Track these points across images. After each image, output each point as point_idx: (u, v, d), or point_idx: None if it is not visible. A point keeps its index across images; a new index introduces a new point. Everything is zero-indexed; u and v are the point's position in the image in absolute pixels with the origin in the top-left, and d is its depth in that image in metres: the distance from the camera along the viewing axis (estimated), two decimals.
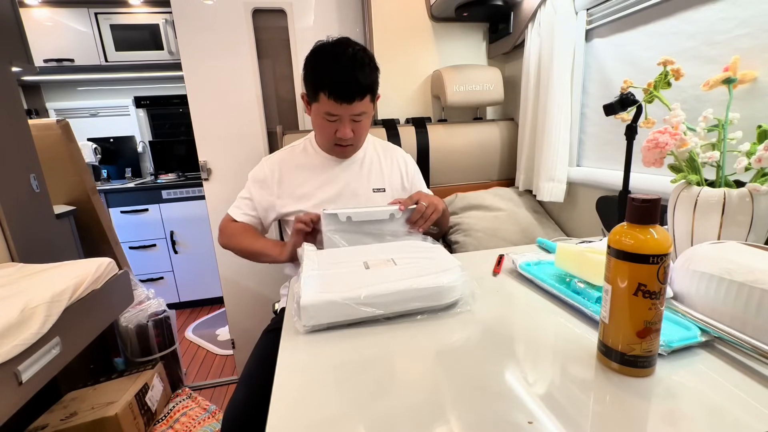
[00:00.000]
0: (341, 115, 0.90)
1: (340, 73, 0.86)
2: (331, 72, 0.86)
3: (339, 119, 0.91)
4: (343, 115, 0.90)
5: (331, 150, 1.01)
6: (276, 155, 1.06)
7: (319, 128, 0.98)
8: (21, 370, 0.64)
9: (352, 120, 0.92)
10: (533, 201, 1.40)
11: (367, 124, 0.96)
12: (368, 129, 1.01)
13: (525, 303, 0.63)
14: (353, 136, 0.94)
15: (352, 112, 0.89)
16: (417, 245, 0.78)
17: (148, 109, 2.81)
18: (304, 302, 0.55)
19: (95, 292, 0.86)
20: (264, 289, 1.67)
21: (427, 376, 0.46)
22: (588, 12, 1.17)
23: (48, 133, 1.31)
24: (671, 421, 0.37)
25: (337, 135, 0.93)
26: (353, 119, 0.91)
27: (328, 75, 0.86)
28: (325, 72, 0.87)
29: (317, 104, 0.90)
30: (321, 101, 0.89)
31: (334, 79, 0.86)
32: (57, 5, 2.26)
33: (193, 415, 1.29)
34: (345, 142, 0.95)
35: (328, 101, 0.87)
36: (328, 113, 0.90)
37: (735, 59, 0.66)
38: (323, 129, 0.95)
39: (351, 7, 1.56)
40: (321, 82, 0.87)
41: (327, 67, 0.87)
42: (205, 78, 1.48)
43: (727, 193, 0.61)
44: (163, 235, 2.42)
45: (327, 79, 0.86)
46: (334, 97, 0.86)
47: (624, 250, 0.41)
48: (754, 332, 0.45)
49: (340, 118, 0.90)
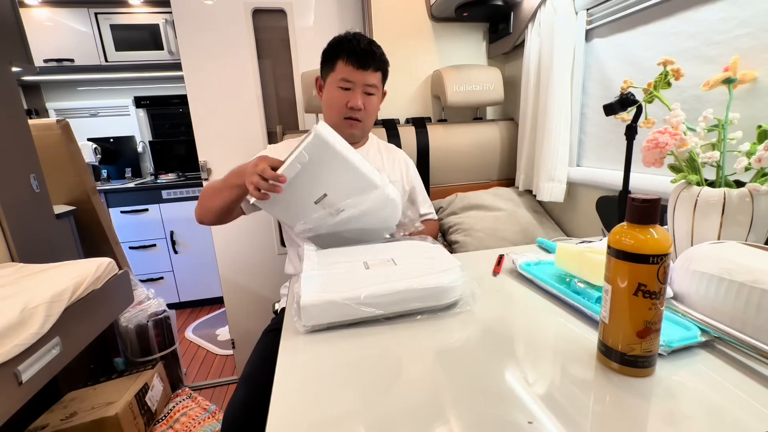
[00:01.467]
0: (355, 82, 0.95)
1: (359, 44, 0.94)
2: (351, 42, 0.94)
3: (353, 88, 0.95)
4: (357, 81, 0.95)
5: (340, 126, 0.97)
6: (281, 145, 1.07)
7: (331, 101, 0.99)
8: (21, 370, 0.64)
9: (364, 92, 0.96)
10: (533, 201, 1.40)
11: (376, 102, 1.01)
12: (377, 111, 1.04)
13: (525, 303, 0.63)
14: (363, 111, 0.97)
15: (365, 81, 0.95)
16: (417, 245, 0.78)
17: (148, 109, 2.81)
18: (304, 302, 0.55)
19: (95, 292, 0.86)
20: (264, 289, 1.67)
21: (427, 376, 0.46)
22: (588, 12, 1.17)
23: (48, 133, 1.31)
24: (671, 421, 0.37)
25: (348, 105, 0.96)
26: (365, 91, 0.96)
27: (348, 44, 0.94)
28: (347, 42, 0.95)
29: (333, 73, 0.96)
30: (338, 69, 0.95)
31: (354, 46, 0.94)
32: (57, 5, 2.26)
33: (193, 415, 1.29)
34: (355, 113, 0.97)
35: (345, 67, 0.94)
36: (344, 79, 0.94)
37: (735, 59, 0.66)
38: (335, 100, 0.97)
39: (351, 7, 1.56)
40: (340, 49, 0.95)
41: (347, 40, 0.95)
42: (205, 78, 1.48)
43: (727, 193, 0.61)
44: (163, 235, 2.42)
45: (347, 47, 0.94)
46: (351, 61, 0.93)
47: (624, 250, 0.41)
48: (754, 332, 0.45)
49: (354, 87, 0.95)
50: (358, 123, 0.99)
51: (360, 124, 0.99)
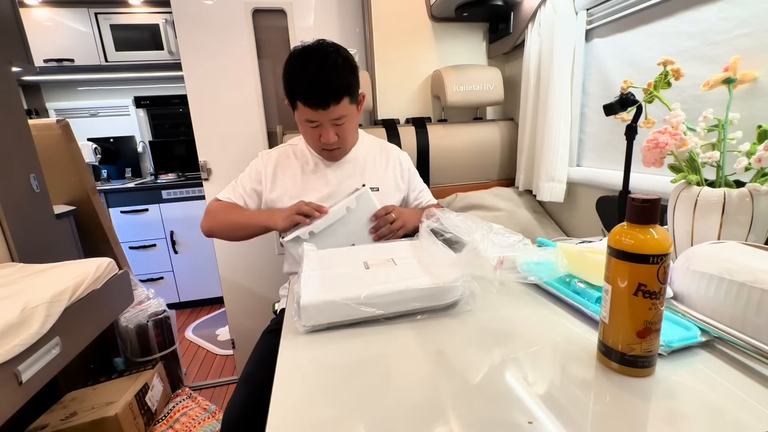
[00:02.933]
0: (321, 121, 0.90)
1: (311, 79, 0.85)
2: (302, 79, 0.86)
3: (320, 125, 0.91)
4: (322, 120, 0.90)
5: (320, 154, 1.01)
6: (273, 151, 1.07)
7: (304, 135, 0.99)
8: (21, 370, 0.64)
9: (334, 124, 0.91)
10: (533, 201, 1.40)
11: (350, 126, 0.95)
12: (354, 130, 1.01)
13: (525, 303, 0.63)
14: (338, 140, 0.94)
15: (330, 117, 0.89)
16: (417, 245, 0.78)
17: (148, 109, 2.81)
18: (304, 302, 0.55)
19: (95, 292, 0.86)
20: (264, 289, 1.67)
21: (427, 376, 0.46)
22: (588, 12, 1.17)
23: (48, 133, 1.31)
24: (671, 421, 0.37)
25: (321, 140, 0.93)
26: (334, 123, 0.91)
27: (299, 83, 0.87)
28: (297, 80, 0.87)
29: (297, 112, 0.92)
30: (299, 109, 0.90)
31: (306, 86, 0.86)
32: (57, 5, 2.26)
33: (193, 415, 1.29)
34: (330, 146, 0.95)
35: (305, 109, 0.88)
36: (308, 120, 0.91)
37: (735, 59, 0.66)
38: (307, 135, 0.96)
39: (351, 7, 1.56)
40: (294, 90, 0.88)
41: (298, 75, 0.87)
42: (205, 78, 1.48)
43: (727, 193, 0.61)
44: (163, 235, 2.43)
45: (299, 88, 0.87)
46: (309, 105, 0.87)
47: (624, 250, 0.41)
48: (754, 332, 0.45)
49: (321, 124, 0.91)
50: (338, 151, 0.99)
51: (339, 151, 0.99)
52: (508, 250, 0.64)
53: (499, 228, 0.70)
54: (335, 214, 0.90)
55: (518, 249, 0.65)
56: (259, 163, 1.05)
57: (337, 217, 0.90)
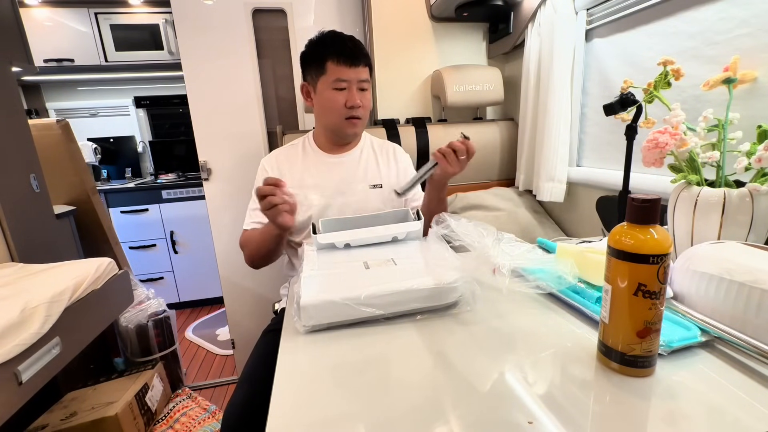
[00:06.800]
0: (350, 80, 0.94)
1: (345, 41, 0.94)
2: (335, 40, 0.94)
3: (348, 87, 0.94)
4: (351, 79, 0.94)
5: (342, 127, 0.99)
6: (273, 153, 1.07)
7: (328, 103, 0.96)
8: (21, 370, 0.64)
9: (360, 88, 0.96)
10: (533, 201, 1.40)
11: (370, 97, 1.01)
12: (371, 104, 1.04)
13: (525, 303, 0.63)
14: (362, 107, 0.97)
15: (359, 77, 0.94)
16: (417, 245, 0.78)
17: (148, 109, 2.81)
18: (303, 302, 0.55)
19: (95, 292, 0.86)
20: (264, 289, 1.67)
21: (427, 376, 0.46)
22: (588, 12, 1.17)
23: (48, 133, 1.31)
24: (671, 421, 0.37)
25: (348, 105, 0.95)
26: (360, 87, 0.96)
27: (334, 44, 0.93)
28: (331, 42, 0.94)
29: (325, 76, 0.94)
30: (329, 71, 0.93)
31: (340, 44, 0.93)
32: (57, 5, 2.26)
33: (193, 415, 1.29)
34: (356, 111, 0.97)
35: (336, 68, 0.92)
36: (338, 79, 0.93)
37: (735, 59, 0.66)
38: (333, 102, 0.95)
39: (351, 7, 1.56)
40: (328, 51, 0.93)
41: (331, 39, 0.94)
42: (205, 78, 1.48)
43: (727, 193, 0.61)
44: (163, 235, 2.42)
45: (334, 47, 0.93)
46: (342, 60, 0.92)
47: (624, 250, 0.41)
48: (754, 332, 0.45)
49: (349, 85, 0.94)
50: (359, 121, 0.99)
51: (360, 121, 1.00)
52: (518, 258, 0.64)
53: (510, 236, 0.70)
54: (378, 237, 0.80)
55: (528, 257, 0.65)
56: (263, 170, 1.04)
57: (380, 240, 0.81)
